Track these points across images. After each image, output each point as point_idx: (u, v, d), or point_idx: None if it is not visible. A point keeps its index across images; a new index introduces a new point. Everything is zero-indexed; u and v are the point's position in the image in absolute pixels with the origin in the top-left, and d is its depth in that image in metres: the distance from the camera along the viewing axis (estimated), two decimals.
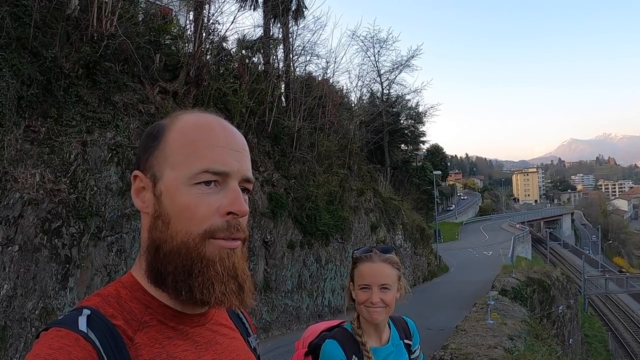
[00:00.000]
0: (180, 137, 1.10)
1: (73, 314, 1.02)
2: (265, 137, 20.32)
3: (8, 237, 9.45)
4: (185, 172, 1.07)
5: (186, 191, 1.06)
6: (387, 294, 2.34)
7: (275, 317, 17.53)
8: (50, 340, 0.96)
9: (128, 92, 13.51)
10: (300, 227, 20.08)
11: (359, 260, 2.44)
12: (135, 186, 1.13)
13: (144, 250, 1.12)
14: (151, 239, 1.10)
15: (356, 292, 2.40)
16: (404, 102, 58.43)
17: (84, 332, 0.98)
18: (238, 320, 1.36)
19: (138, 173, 1.12)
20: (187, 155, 1.08)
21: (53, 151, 10.90)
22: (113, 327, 1.02)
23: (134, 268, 1.16)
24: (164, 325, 1.09)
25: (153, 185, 1.10)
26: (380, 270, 2.37)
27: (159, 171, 1.10)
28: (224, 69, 19.46)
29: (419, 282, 32.69)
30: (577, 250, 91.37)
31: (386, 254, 2.43)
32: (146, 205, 1.11)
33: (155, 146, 1.12)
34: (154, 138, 1.13)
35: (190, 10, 18.37)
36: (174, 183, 1.07)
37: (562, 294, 31.45)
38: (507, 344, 12.32)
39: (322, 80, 28.56)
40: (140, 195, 1.13)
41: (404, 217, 33.47)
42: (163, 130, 1.13)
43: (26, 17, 11.24)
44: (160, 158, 1.10)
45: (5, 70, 10.16)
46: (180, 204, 1.06)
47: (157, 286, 1.09)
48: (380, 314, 2.34)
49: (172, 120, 1.15)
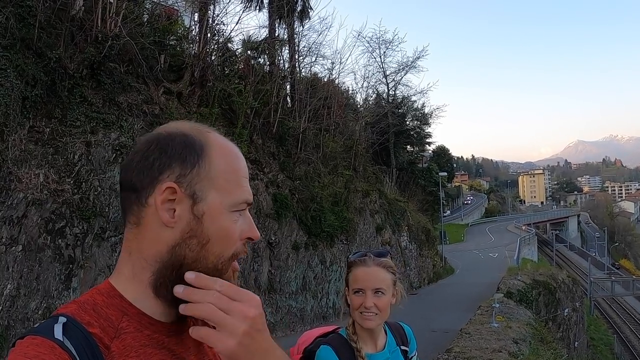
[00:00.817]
0: (223, 163, 1.13)
1: (49, 322, 1.00)
2: (270, 138, 20.34)
3: (12, 237, 9.48)
4: (230, 199, 1.11)
5: (228, 217, 1.11)
6: (382, 298, 2.32)
7: (279, 318, 17.52)
8: (25, 349, 0.94)
9: (132, 93, 13.54)
10: (305, 228, 20.07)
11: (353, 265, 2.42)
12: (164, 197, 1.07)
13: (150, 262, 1.09)
14: (175, 256, 1.08)
15: (350, 296, 2.38)
16: (409, 103, 58.39)
17: (59, 340, 0.96)
18: None
19: (174, 185, 1.07)
20: (231, 183, 1.13)
21: (57, 151, 10.93)
22: (89, 335, 1.00)
23: (113, 276, 1.13)
24: (139, 333, 1.07)
25: (193, 203, 1.08)
26: (374, 274, 2.35)
27: (202, 191, 1.09)
28: (229, 69, 19.49)
29: (424, 284, 32.68)
30: (583, 252, 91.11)
31: (380, 258, 2.41)
32: (175, 221, 1.08)
33: (195, 162, 1.10)
34: (192, 152, 1.10)
35: (195, 11, 18.38)
36: (219, 207, 1.10)
37: (567, 297, 31.35)
38: (512, 347, 12.30)
39: (327, 81, 28.57)
40: (166, 208, 1.08)
41: (409, 219, 33.49)
42: (203, 148, 1.11)
43: (30, 17, 11.28)
44: (204, 178, 1.09)
45: (10, 70, 10.18)
46: (222, 228, 1.10)
47: (161, 298, 1.09)
48: (374, 320, 2.32)
49: (206, 139, 1.13)
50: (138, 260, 1.10)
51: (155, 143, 1.11)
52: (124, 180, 1.12)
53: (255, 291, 16.43)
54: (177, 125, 1.16)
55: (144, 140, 1.14)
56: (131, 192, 1.10)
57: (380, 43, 53.08)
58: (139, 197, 1.09)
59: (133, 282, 1.10)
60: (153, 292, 1.09)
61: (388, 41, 53.74)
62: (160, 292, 1.09)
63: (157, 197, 1.07)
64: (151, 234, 1.09)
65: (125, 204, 1.13)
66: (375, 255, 2.41)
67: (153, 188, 1.08)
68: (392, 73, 55.24)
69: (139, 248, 1.10)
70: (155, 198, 1.07)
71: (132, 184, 1.10)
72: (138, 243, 1.10)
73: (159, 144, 1.11)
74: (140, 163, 1.10)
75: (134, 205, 1.10)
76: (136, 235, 1.11)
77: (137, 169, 1.09)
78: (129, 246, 1.12)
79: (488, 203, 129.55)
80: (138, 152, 1.12)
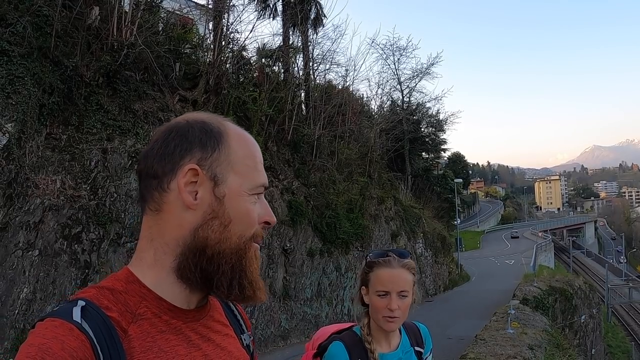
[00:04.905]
0: (242, 148, 1.17)
1: (68, 305, 1.03)
2: (285, 145, 20.38)
3: (29, 242, 9.58)
4: (249, 182, 1.16)
5: (247, 199, 1.15)
6: (405, 300, 2.28)
7: (294, 324, 17.52)
8: (44, 330, 0.97)
9: (148, 101, 13.66)
10: (320, 235, 20.07)
11: (376, 265, 2.35)
12: (186, 179, 1.10)
13: (173, 247, 1.11)
14: (198, 238, 1.11)
15: (371, 297, 2.32)
16: (424, 109, 58.23)
17: (77, 323, 0.98)
18: (232, 316, 1.35)
19: (196, 167, 1.10)
20: (249, 167, 1.17)
21: (74, 158, 11.04)
22: (107, 319, 1.02)
23: (133, 264, 1.15)
24: (157, 318, 1.09)
25: (214, 185, 1.12)
26: (399, 276, 2.29)
27: (222, 174, 1.13)
28: (244, 77, 19.57)
29: (439, 291, 32.51)
30: (601, 258, 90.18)
31: (404, 259, 2.36)
32: (197, 203, 1.11)
33: (215, 147, 1.13)
34: (212, 137, 1.14)
35: (209, 19, 18.50)
36: (239, 190, 1.14)
37: (584, 303, 31.08)
38: (527, 353, 12.22)
39: (341, 88, 28.59)
40: (189, 190, 1.11)
41: (424, 226, 33.36)
42: (221, 134, 1.15)
43: (47, 27, 11.43)
44: (224, 162, 1.13)
45: (27, 78, 10.32)
46: (242, 209, 1.14)
47: (185, 281, 1.12)
48: (396, 323, 2.28)
49: (224, 126, 1.18)
50: (160, 246, 1.12)
51: (175, 131, 1.14)
52: (145, 168, 1.14)
53: (271, 298, 16.48)
54: (194, 115, 1.20)
55: (162, 129, 1.17)
56: (152, 179, 1.13)
57: (394, 50, 53.09)
58: (161, 183, 1.11)
59: (154, 268, 1.12)
60: (177, 276, 1.11)
61: (402, 48, 53.70)
62: (184, 275, 1.11)
63: (180, 180, 1.10)
64: (173, 218, 1.11)
65: (145, 192, 1.15)
66: (399, 256, 2.36)
67: (174, 173, 1.10)
68: (407, 80, 55.16)
69: (160, 233, 1.12)
70: (179, 181, 1.10)
71: (153, 170, 1.12)
72: (159, 228, 1.12)
73: (179, 131, 1.14)
74: (161, 150, 1.13)
75: (155, 191, 1.12)
76: (157, 221, 1.13)
77: (157, 155, 1.12)
78: (150, 233, 1.14)
79: (504, 210, 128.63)
80: (158, 141, 1.14)
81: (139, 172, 1.17)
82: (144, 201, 1.15)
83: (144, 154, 1.16)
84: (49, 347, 0.93)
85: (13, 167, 9.58)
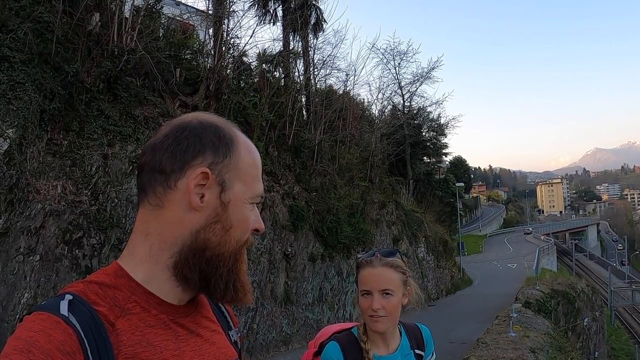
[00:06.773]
0: (249, 157, 1.21)
1: (56, 299, 1.04)
2: (286, 150, 20.38)
3: (29, 247, 9.59)
4: (251, 191, 1.20)
5: (247, 207, 1.20)
6: (390, 300, 2.24)
7: (296, 329, 17.49)
8: (31, 324, 0.98)
9: (149, 106, 13.69)
10: (322, 239, 20.06)
11: (361, 265, 2.34)
12: (196, 182, 1.11)
13: (170, 244, 1.13)
14: (199, 239, 1.13)
15: (359, 297, 2.32)
16: (425, 114, 58.27)
17: (64, 316, 0.99)
18: (220, 313, 1.36)
19: (208, 171, 1.12)
20: (253, 177, 1.22)
21: (75, 163, 11.06)
22: (95, 313, 1.03)
23: (123, 258, 1.16)
24: (146, 312, 1.10)
25: (221, 190, 1.14)
26: (381, 275, 2.26)
27: (230, 180, 1.16)
28: (244, 82, 19.60)
29: (441, 295, 32.47)
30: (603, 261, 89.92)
31: (388, 258, 2.31)
32: (203, 206, 1.13)
33: (226, 153, 1.16)
34: (224, 143, 1.17)
35: (209, 25, 18.54)
36: (242, 197, 1.18)
37: (587, 306, 30.97)
38: (529, 357, 12.19)
39: (342, 93, 28.61)
40: (197, 192, 1.12)
41: (426, 230, 33.32)
42: (232, 141, 1.19)
43: (48, 33, 11.45)
44: (233, 169, 1.16)
45: (28, 84, 10.35)
46: (242, 216, 1.19)
47: (181, 279, 1.14)
48: (383, 323, 2.23)
49: (235, 133, 1.22)
50: (157, 242, 1.13)
51: (189, 130, 1.15)
52: (150, 161, 1.14)
53: (272, 303, 16.47)
54: (206, 117, 1.21)
55: (173, 125, 1.18)
56: (158, 173, 1.13)
57: (394, 54, 53.22)
58: (167, 180, 1.12)
59: (147, 263, 1.13)
60: (172, 273, 1.13)
61: (402, 52, 53.98)
62: (183, 274, 1.13)
63: (191, 181, 1.11)
64: (174, 216, 1.12)
65: (147, 186, 1.15)
66: (383, 255, 2.31)
67: (184, 172, 1.12)
68: (407, 84, 55.35)
69: (158, 230, 1.13)
70: (189, 182, 1.11)
71: (161, 165, 1.12)
72: (158, 224, 1.13)
73: (192, 130, 1.15)
74: (172, 147, 1.13)
75: (159, 187, 1.13)
76: (157, 216, 1.13)
77: (168, 151, 1.13)
78: (146, 227, 1.15)
79: (506, 213, 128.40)
80: (168, 136, 1.15)
81: (142, 163, 1.17)
82: (144, 194, 1.16)
83: (151, 146, 1.16)
84: (35, 340, 0.94)
85: (14, 173, 9.61)
